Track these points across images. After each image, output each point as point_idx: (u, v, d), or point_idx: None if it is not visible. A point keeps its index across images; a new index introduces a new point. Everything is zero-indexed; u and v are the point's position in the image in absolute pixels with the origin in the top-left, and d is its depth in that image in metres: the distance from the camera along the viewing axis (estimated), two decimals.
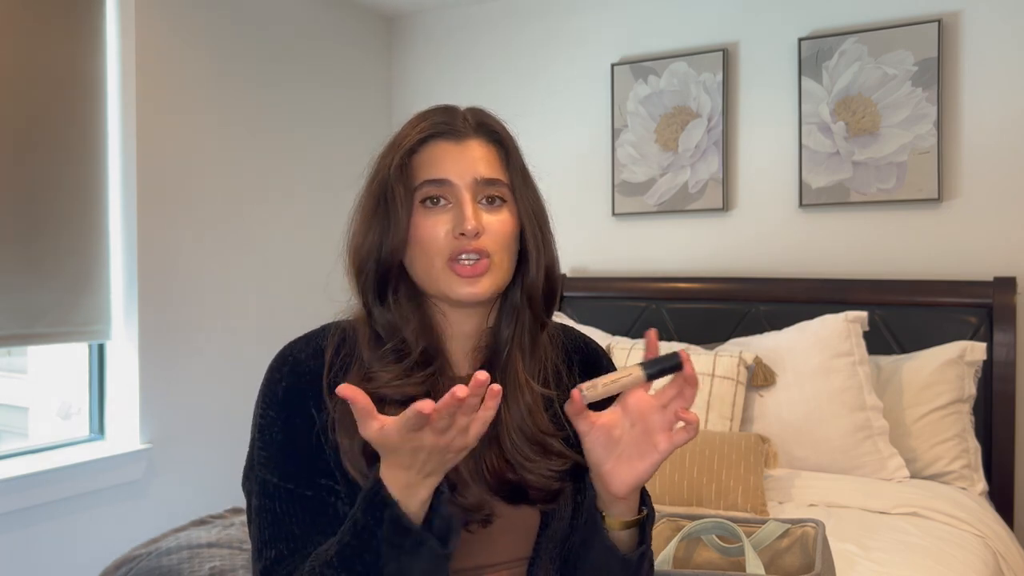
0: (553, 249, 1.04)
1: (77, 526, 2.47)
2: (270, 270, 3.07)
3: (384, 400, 0.93)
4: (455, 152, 0.98)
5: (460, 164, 0.97)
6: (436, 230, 0.96)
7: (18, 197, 2.35)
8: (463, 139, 0.99)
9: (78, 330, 2.50)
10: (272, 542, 0.91)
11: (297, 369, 0.96)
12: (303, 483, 0.93)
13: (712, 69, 2.97)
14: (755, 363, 2.48)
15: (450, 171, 0.97)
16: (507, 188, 0.99)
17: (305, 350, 0.98)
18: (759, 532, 1.49)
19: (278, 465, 0.93)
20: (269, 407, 0.96)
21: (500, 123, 1.04)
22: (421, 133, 0.99)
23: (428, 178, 0.97)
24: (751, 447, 2.20)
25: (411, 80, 3.64)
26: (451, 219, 0.96)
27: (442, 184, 0.96)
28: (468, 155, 0.98)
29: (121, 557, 1.75)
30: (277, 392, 0.96)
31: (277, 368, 0.97)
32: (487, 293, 0.96)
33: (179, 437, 2.74)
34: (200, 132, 2.82)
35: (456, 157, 0.97)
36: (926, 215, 2.69)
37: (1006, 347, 2.46)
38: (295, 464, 0.93)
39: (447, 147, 0.98)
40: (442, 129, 0.99)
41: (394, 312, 0.99)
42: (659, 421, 0.89)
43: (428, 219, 0.96)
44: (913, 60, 2.66)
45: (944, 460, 2.35)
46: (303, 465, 0.93)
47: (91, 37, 2.54)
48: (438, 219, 0.96)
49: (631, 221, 3.16)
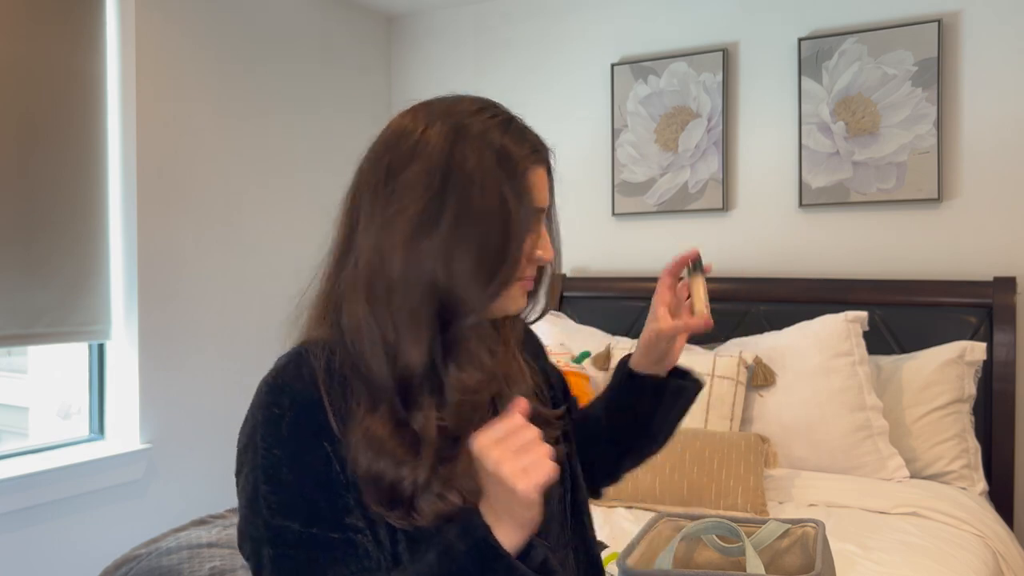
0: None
1: (77, 526, 2.47)
2: (270, 270, 3.07)
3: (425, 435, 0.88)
4: (544, 179, 0.94)
5: (544, 193, 0.94)
6: (537, 249, 0.93)
7: (18, 197, 2.35)
8: (543, 167, 0.94)
9: (78, 330, 2.50)
10: None
11: (298, 399, 0.86)
12: (328, 525, 0.83)
13: (712, 69, 2.97)
14: (755, 363, 2.48)
15: (544, 200, 0.93)
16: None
17: (299, 378, 0.87)
18: (759, 532, 1.49)
19: (297, 510, 0.83)
20: (274, 446, 0.84)
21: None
22: (532, 155, 0.91)
23: (539, 206, 0.92)
24: (751, 447, 2.20)
25: (411, 79, 3.64)
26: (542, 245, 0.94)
27: (539, 212, 0.93)
28: (544, 184, 0.95)
29: (121, 557, 1.75)
30: (281, 428, 0.85)
31: (275, 402, 0.86)
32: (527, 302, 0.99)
33: (179, 437, 2.74)
34: (200, 132, 2.82)
35: (543, 184, 0.94)
36: (926, 215, 2.69)
37: (1006, 347, 2.46)
38: (316, 505, 0.83)
39: (542, 172, 0.93)
40: (543, 156, 0.94)
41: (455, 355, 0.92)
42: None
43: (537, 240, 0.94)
44: (913, 60, 2.66)
45: (944, 460, 2.35)
46: (325, 505, 0.84)
47: (91, 37, 2.54)
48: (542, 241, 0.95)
49: (631, 221, 3.16)
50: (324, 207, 3.78)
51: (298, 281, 1.04)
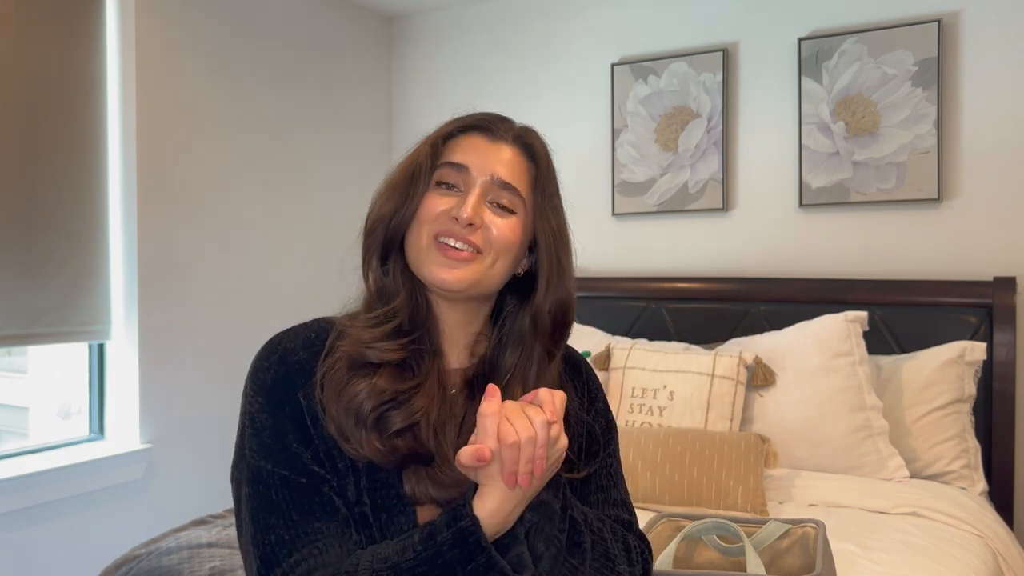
0: (569, 282, 1.03)
1: (77, 526, 2.47)
2: (270, 269, 3.07)
3: (367, 362, 0.95)
4: (484, 147, 1.00)
5: (484, 159, 0.99)
6: (437, 208, 0.98)
7: (18, 197, 2.35)
8: (497, 139, 1.01)
9: (78, 330, 2.50)
10: (270, 528, 0.91)
11: (286, 359, 0.97)
12: (296, 470, 0.92)
13: (712, 69, 2.97)
14: (755, 363, 2.48)
15: (472, 161, 0.99)
16: (522, 202, 1.00)
17: (294, 340, 0.99)
18: (760, 532, 1.50)
19: (272, 452, 0.93)
20: (257, 394, 0.96)
21: (543, 144, 1.05)
22: (463, 123, 1.02)
23: (450, 160, 0.99)
24: (751, 447, 2.20)
25: (411, 80, 3.64)
26: (455, 203, 0.98)
27: (460, 169, 0.99)
28: (495, 154, 1.00)
29: (121, 557, 1.75)
30: (266, 380, 0.96)
31: (265, 357, 0.98)
32: (462, 283, 0.97)
33: (179, 437, 2.74)
34: (200, 131, 2.82)
35: (483, 151, 1.00)
36: (926, 215, 2.69)
37: (1006, 347, 2.46)
38: (287, 451, 0.93)
39: (479, 140, 1.01)
40: (482, 124, 1.02)
41: (389, 278, 1.01)
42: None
43: (435, 198, 0.99)
44: (913, 60, 2.66)
45: (944, 460, 2.35)
46: (295, 452, 0.93)
47: (91, 37, 2.54)
48: (442, 199, 0.99)
49: (631, 221, 3.16)
50: (324, 206, 3.78)
51: (298, 279, 1.07)
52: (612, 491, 1.10)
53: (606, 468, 1.11)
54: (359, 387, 0.93)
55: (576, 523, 0.96)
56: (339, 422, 0.93)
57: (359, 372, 0.95)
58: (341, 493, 0.93)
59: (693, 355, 2.55)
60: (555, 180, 1.05)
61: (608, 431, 1.13)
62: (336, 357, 0.96)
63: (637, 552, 1.05)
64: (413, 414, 0.94)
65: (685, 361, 2.52)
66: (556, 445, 0.88)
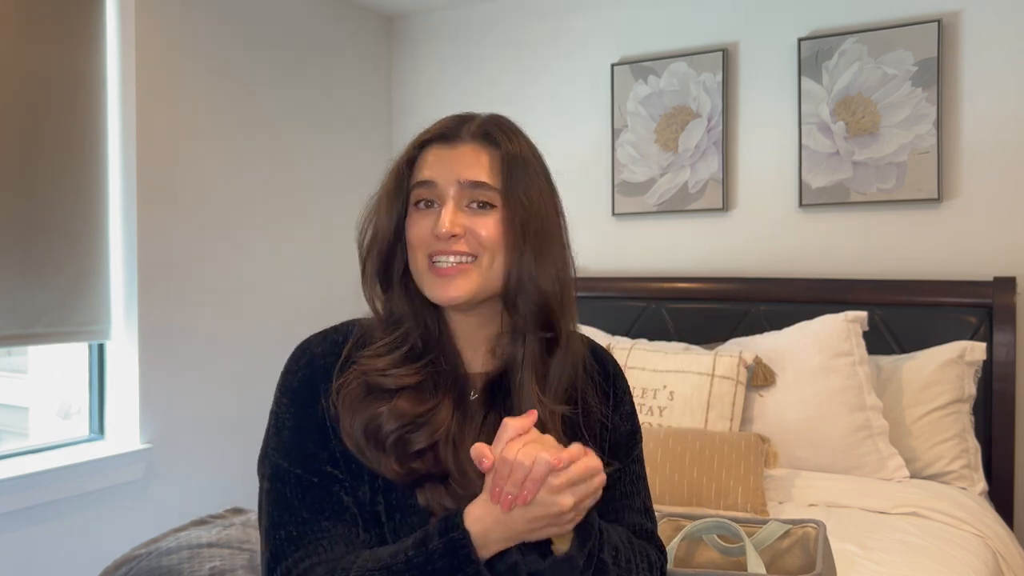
0: (550, 261, 1.00)
1: (77, 526, 2.47)
2: (270, 269, 3.07)
3: (382, 389, 0.97)
4: (446, 155, 1.00)
5: (447, 167, 0.99)
6: (421, 231, 0.99)
7: (18, 197, 2.35)
8: (455, 143, 1.01)
9: (78, 330, 2.50)
10: (282, 524, 0.95)
11: (313, 363, 1.01)
12: (310, 470, 0.96)
13: (712, 69, 2.97)
14: (755, 363, 2.48)
15: (437, 173, 0.99)
16: (497, 193, 0.99)
17: (321, 344, 1.03)
18: (760, 532, 1.49)
19: (288, 451, 0.98)
20: (283, 395, 1.01)
21: (508, 130, 1.03)
22: (421, 140, 1.03)
23: (419, 179, 1.01)
24: (751, 447, 2.20)
25: (411, 80, 3.64)
26: (435, 221, 0.98)
27: (430, 186, 1.00)
28: (458, 159, 0.99)
29: (121, 557, 1.75)
30: (292, 383, 1.01)
31: (295, 360, 1.02)
32: (463, 296, 0.97)
33: (179, 437, 2.74)
34: (199, 131, 2.82)
35: (445, 160, 1.00)
36: (926, 215, 2.69)
37: (1006, 347, 2.46)
38: (303, 451, 0.97)
39: (440, 151, 1.01)
40: (441, 133, 1.02)
41: (395, 303, 1.03)
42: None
43: (416, 220, 1.00)
44: (913, 60, 2.66)
45: (944, 460, 2.35)
46: (311, 453, 0.97)
47: (91, 37, 2.54)
48: (424, 220, 0.99)
49: (631, 221, 3.16)
50: (323, 205, 3.78)
51: (298, 279, 1.08)
52: (635, 498, 1.10)
53: (630, 474, 1.11)
54: (379, 409, 0.95)
55: (605, 566, 0.95)
56: (355, 439, 0.96)
57: (378, 397, 0.97)
58: (354, 493, 0.97)
59: (693, 355, 2.55)
60: (529, 158, 1.01)
61: (632, 436, 1.13)
62: (352, 377, 0.98)
63: (658, 568, 1.07)
64: (435, 432, 0.96)
65: (685, 361, 2.52)
66: (555, 496, 0.85)
